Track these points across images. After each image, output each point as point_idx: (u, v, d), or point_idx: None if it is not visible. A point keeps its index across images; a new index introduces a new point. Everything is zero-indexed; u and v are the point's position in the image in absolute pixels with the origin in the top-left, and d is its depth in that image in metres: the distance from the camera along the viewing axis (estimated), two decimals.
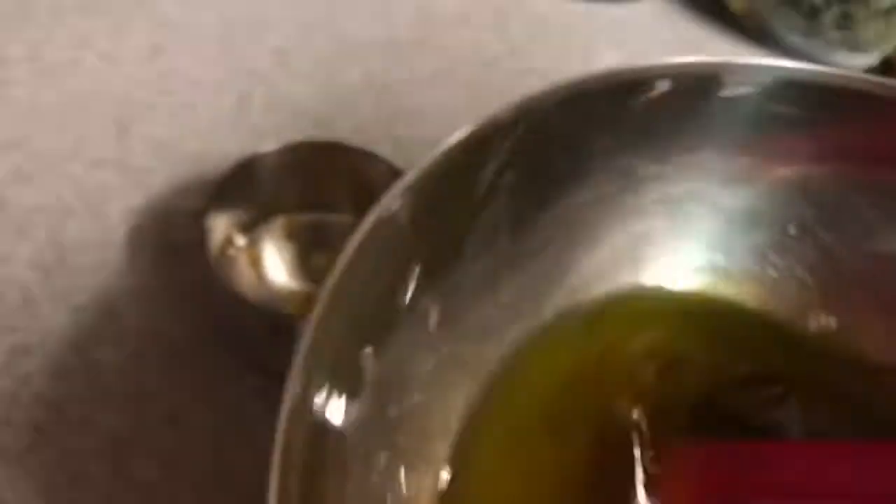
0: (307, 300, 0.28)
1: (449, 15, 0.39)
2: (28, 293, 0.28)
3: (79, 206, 0.31)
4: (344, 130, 0.34)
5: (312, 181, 0.29)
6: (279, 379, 0.27)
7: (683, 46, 0.39)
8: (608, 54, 0.38)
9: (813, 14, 0.37)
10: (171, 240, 0.30)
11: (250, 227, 0.30)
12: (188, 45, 0.36)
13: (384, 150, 0.33)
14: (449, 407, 0.22)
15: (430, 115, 0.35)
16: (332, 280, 0.18)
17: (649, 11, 0.40)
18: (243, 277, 0.29)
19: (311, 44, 0.37)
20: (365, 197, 0.29)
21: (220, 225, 0.29)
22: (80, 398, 0.26)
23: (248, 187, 0.28)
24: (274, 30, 0.37)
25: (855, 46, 0.38)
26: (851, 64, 0.38)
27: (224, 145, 0.33)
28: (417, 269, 0.21)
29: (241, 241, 0.29)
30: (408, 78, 0.36)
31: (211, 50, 0.36)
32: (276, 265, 0.30)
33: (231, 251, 0.29)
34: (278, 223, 0.30)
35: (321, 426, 0.18)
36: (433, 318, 0.21)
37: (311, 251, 0.30)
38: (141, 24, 0.36)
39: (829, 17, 0.37)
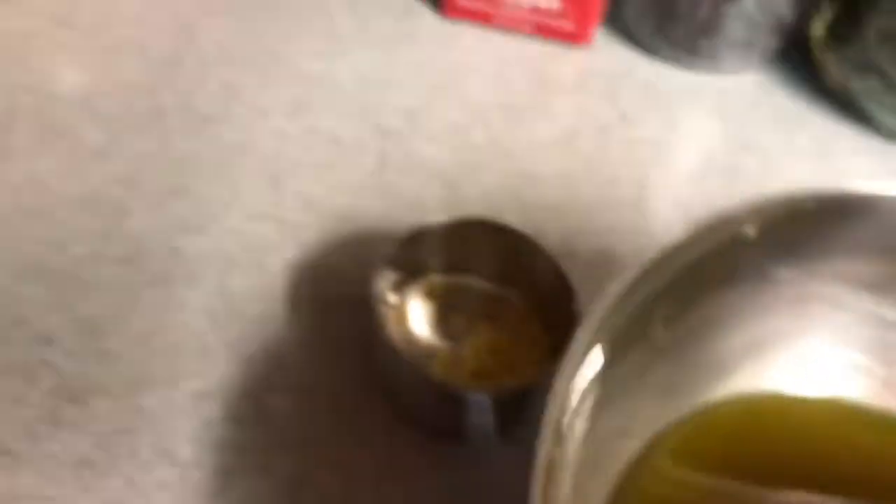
0: (451, 361, 0.32)
1: (564, 81, 0.42)
2: (204, 341, 0.31)
3: (242, 258, 0.34)
4: (472, 192, 0.37)
5: (462, 249, 0.32)
6: (432, 434, 0.30)
7: (782, 120, 0.42)
8: (713, 124, 0.41)
9: None
10: (329, 295, 0.33)
11: (399, 287, 0.33)
12: (327, 102, 0.39)
13: (511, 215, 0.36)
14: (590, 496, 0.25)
15: (551, 180, 0.38)
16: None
17: (751, 84, 0.43)
18: (394, 334, 0.32)
19: (437, 105, 0.39)
20: (508, 270, 0.33)
21: (380, 284, 0.32)
22: (258, 443, 0.29)
23: (409, 253, 0.31)
24: (404, 91, 0.40)
25: None
26: None
27: (367, 203, 0.36)
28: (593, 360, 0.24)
29: (392, 299, 0.32)
30: (528, 142, 0.39)
31: (348, 107, 0.39)
32: (420, 323, 0.33)
33: (383, 309, 0.32)
34: (422, 283, 0.33)
35: None
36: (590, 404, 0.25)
37: (449, 312, 0.33)
38: (282, 78, 0.39)
39: None
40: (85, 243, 0.33)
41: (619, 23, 0.44)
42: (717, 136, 0.41)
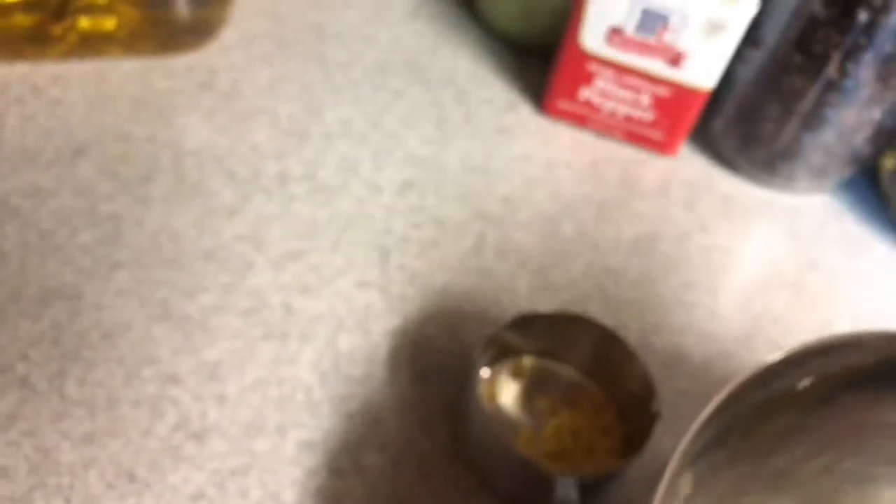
0: (532, 438, 0.34)
1: (649, 185, 0.45)
2: (310, 395, 0.35)
3: (349, 322, 0.37)
4: (559, 281, 0.40)
5: (556, 338, 0.35)
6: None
7: (848, 242, 0.45)
8: (783, 239, 0.44)
9: None
10: (425, 363, 0.36)
11: (493, 364, 0.36)
12: (434, 184, 0.42)
13: (594, 305, 0.39)
14: None
15: (633, 277, 0.41)
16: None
17: (821, 206, 0.46)
18: (484, 407, 0.35)
19: (532, 195, 0.43)
20: (595, 362, 0.36)
21: (481, 360, 0.35)
22: (353, 496, 0.32)
23: (510, 335, 0.34)
24: (503, 180, 0.43)
25: None
26: None
27: (464, 281, 0.39)
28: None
29: (485, 374, 0.35)
30: (613, 239, 0.42)
31: (451, 191, 0.42)
32: (508, 400, 0.36)
33: (479, 383, 0.35)
34: (514, 364, 0.36)
35: None
36: None
37: (535, 393, 0.36)
38: (396, 158, 0.43)
39: None
40: (212, 293, 0.37)
41: (706, 137, 0.47)
42: (785, 252, 0.44)
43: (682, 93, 0.43)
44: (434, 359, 0.37)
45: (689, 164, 0.46)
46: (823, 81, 0.41)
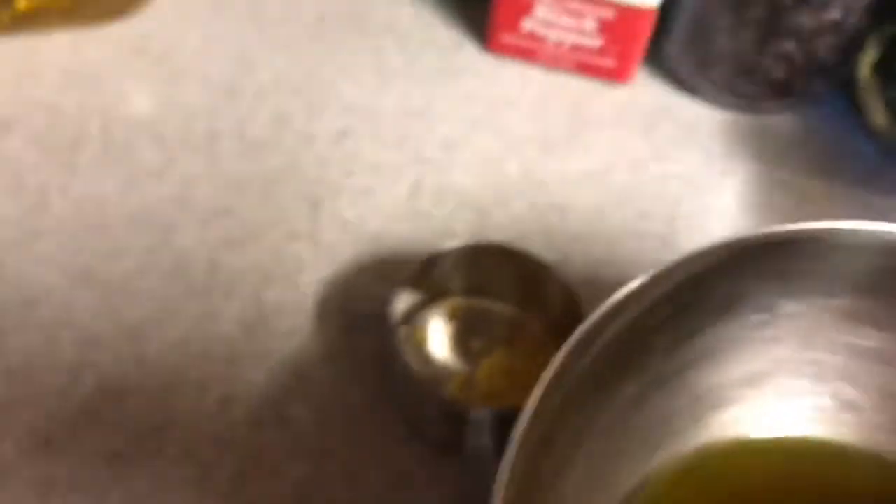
0: (465, 383, 0.33)
1: (602, 117, 0.43)
2: (233, 349, 0.34)
3: (277, 274, 0.36)
4: (501, 220, 0.38)
5: (481, 274, 0.34)
6: (440, 450, 0.31)
7: (821, 161, 0.42)
8: (748, 163, 0.41)
9: None
10: (355, 313, 0.35)
11: (420, 308, 0.34)
12: (370, 131, 0.41)
13: (538, 243, 0.37)
14: None
15: (581, 212, 0.39)
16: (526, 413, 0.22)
17: (790, 126, 0.43)
18: (412, 354, 0.33)
19: (474, 136, 0.41)
20: (528, 294, 0.34)
21: (399, 306, 0.33)
22: (275, 449, 0.31)
23: (427, 277, 0.33)
24: (444, 122, 0.42)
25: None
26: None
27: (400, 227, 0.38)
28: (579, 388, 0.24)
29: (413, 320, 0.34)
30: (561, 175, 0.40)
31: (389, 136, 0.41)
32: (439, 345, 0.34)
33: (404, 330, 0.34)
34: (443, 306, 0.35)
35: None
36: (583, 434, 0.25)
37: (469, 335, 0.34)
38: (331, 108, 0.42)
39: None
40: (134, 256, 0.36)
41: (660, 61, 0.44)
42: (751, 176, 0.41)
43: (627, 14, 0.41)
44: (365, 307, 0.35)
45: (645, 91, 0.44)
46: None
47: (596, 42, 0.42)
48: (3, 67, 0.42)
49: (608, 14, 0.41)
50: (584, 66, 0.44)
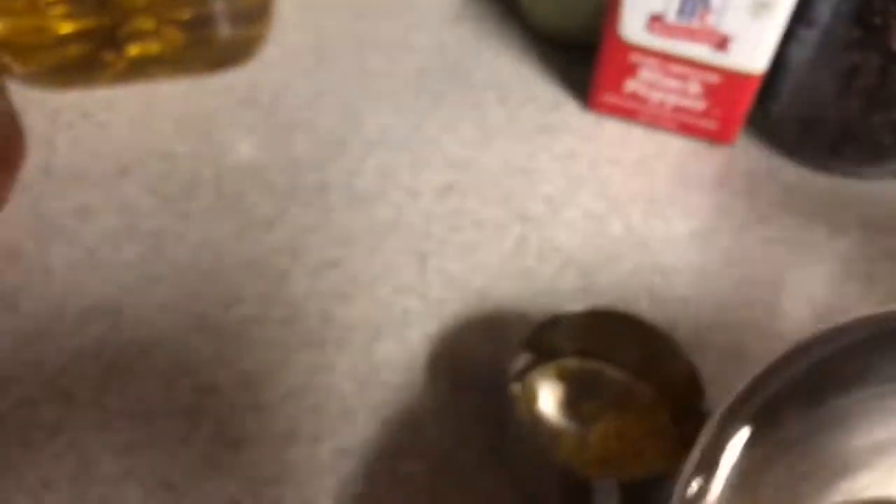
0: (576, 445, 0.33)
1: (703, 178, 0.43)
2: (346, 402, 0.34)
3: (387, 329, 0.36)
4: (606, 280, 0.38)
5: (597, 338, 0.34)
6: None
7: None
8: (853, 230, 0.41)
9: None
10: (463, 370, 0.35)
11: (533, 368, 0.34)
12: (474, 187, 0.41)
13: (644, 306, 0.37)
14: None
15: (686, 274, 0.39)
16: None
17: (893, 192, 0.43)
18: (523, 413, 0.33)
19: (577, 194, 0.41)
20: (641, 362, 0.34)
21: (514, 365, 0.33)
22: (389, 502, 0.31)
23: (544, 338, 0.33)
24: (546, 179, 0.42)
25: None
26: None
27: (505, 285, 0.38)
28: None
29: (524, 379, 0.34)
30: (664, 236, 0.40)
31: (492, 193, 0.41)
32: (550, 406, 0.34)
33: (515, 389, 0.34)
34: (554, 367, 0.35)
35: None
36: None
37: (581, 398, 0.34)
38: (435, 162, 0.42)
39: None
40: (250, 304, 0.36)
41: (763, 124, 0.45)
42: (855, 243, 0.41)
43: (731, 78, 0.41)
44: (473, 365, 0.35)
45: (747, 153, 0.44)
46: (885, 54, 0.38)
47: (699, 104, 0.43)
48: (118, 115, 0.43)
49: (713, 78, 0.41)
50: (686, 127, 0.44)
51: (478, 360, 0.36)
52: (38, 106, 0.43)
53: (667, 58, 0.41)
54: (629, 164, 0.43)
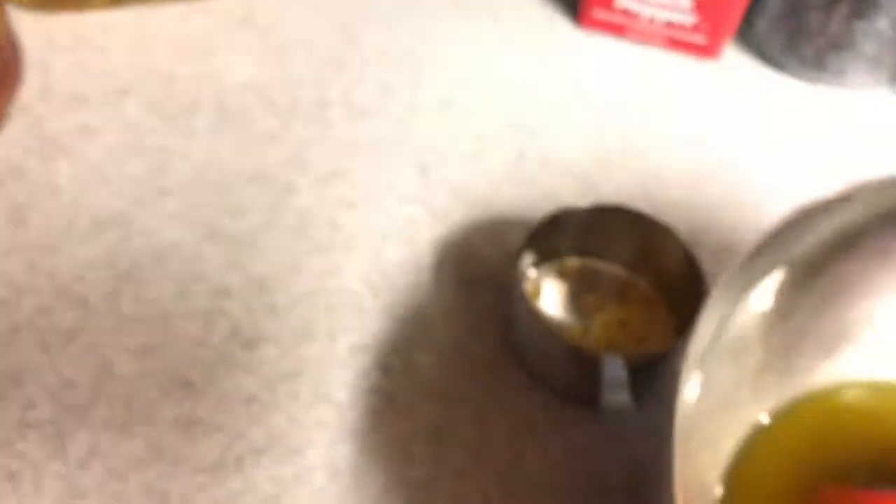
0: (580, 336, 0.34)
1: (694, 90, 0.44)
2: (360, 302, 0.35)
3: (394, 234, 0.37)
4: (604, 187, 0.39)
5: (597, 235, 0.35)
6: (565, 398, 0.32)
7: None
8: (838, 135, 0.43)
9: None
10: (470, 271, 0.36)
11: (536, 266, 0.35)
12: (472, 102, 0.42)
13: (640, 207, 0.39)
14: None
15: (679, 178, 0.40)
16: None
17: (879, 100, 0.44)
18: (531, 308, 0.34)
19: (573, 107, 0.42)
20: (640, 254, 0.35)
21: (522, 260, 0.34)
22: (405, 392, 0.33)
23: (549, 235, 0.34)
24: (542, 93, 0.43)
25: None
26: None
27: (506, 192, 0.39)
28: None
29: (532, 274, 0.35)
30: (658, 143, 0.41)
31: (490, 107, 0.42)
32: (553, 299, 0.35)
33: (523, 285, 0.35)
34: (557, 264, 0.36)
35: None
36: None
37: (581, 292, 0.35)
38: (433, 79, 0.43)
39: None
40: (258, 213, 0.37)
41: (749, 38, 0.46)
42: (840, 147, 0.42)
43: None
44: (479, 265, 0.36)
45: (734, 66, 0.45)
46: None
47: (689, 19, 0.44)
48: (116, 37, 0.43)
49: None
50: (675, 43, 0.45)
51: (484, 261, 0.37)
52: (33, 31, 0.43)
53: None
54: (622, 79, 0.44)
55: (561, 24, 0.46)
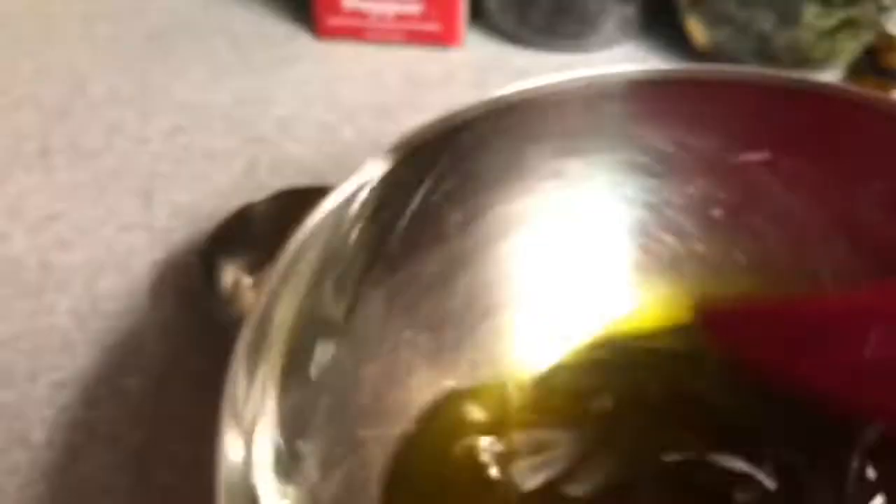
0: None
1: (434, 79, 0.43)
2: (67, 337, 0.33)
3: (110, 265, 0.35)
4: (337, 179, 0.38)
5: (292, 221, 0.33)
6: None
7: None
8: None
9: (762, 40, 0.40)
10: (190, 287, 0.34)
11: (256, 269, 0.34)
12: (204, 124, 0.41)
13: None
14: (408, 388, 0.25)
15: None
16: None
17: (621, 58, 0.44)
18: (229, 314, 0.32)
19: (309, 112, 0.41)
20: None
21: (229, 267, 0.33)
22: (109, 420, 0.30)
23: (246, 232, 0.33)
24: (278, 104, 0.42)
25: (808, 66, 0.41)
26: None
27: (237, 203, 0.37)
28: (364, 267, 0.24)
29: (247, 281, 0.33)
30: (395, 134, 0.40)
31: (223, 125, 0.41)
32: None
33: (239, 291, 0.33)
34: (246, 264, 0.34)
35: None
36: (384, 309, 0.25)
37: None
38: (164, 109, 0.42)
39: (779, 41, 0.40)
40: None
41: (487, 19, 0.45)
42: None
43: None
44: (197, 283, 0.35)
45: (476, 50, 0.45)
46: None
47: (417, 8, 0.43)
48: None
49: None
50: (413, 35, 0.45)
51: (203, 278, 0.35)
52: None
53: None
54: (361, 78, 0.43)
55: (301, 38, 0.46)
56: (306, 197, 0.32)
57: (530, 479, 0.24)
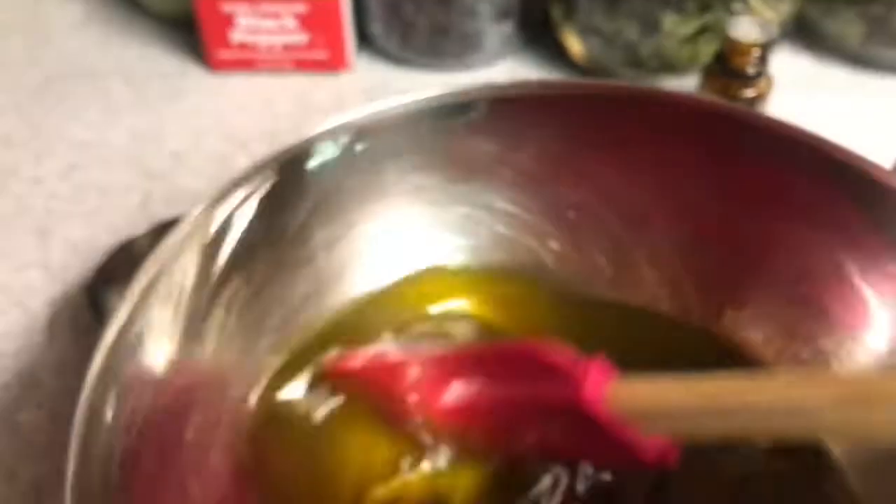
0: None
1: (324, 104, 0.45)
2: None
3: (6, 303, 0.36)
4: None
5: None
6: None
7: None
8: None
9: (630, 49, 0.43)
10: (87, 321, 0.35)
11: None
12: (99, 161, 0.42)
13: None
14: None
15: None
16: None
17: (504, 73, 0.46)
18: None
19: (202, 144, 0.43)
20: None
21: (114, 300, 0.34)
22: (5, 456, 0.31)
23: (129, 265, 0.33)
24: (172, 138, 0.43)
25: (675, 71, 0.43)
26: (683, 85, 0.43)
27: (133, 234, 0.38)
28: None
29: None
30: None
31: (118, 161, 0.42)
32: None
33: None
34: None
35: None
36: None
37: None
38: (59, 150, 0.43)
39: (645, 49, 0.42)
40: None
41: (373, 43, 0.47)
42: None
43: (316, 5, 0.44)
44: (94, 314, 0.35)
45: (365, 74, 0.47)
46: None
47: (302, 37, 0.45)
48: None
49: (301, 8, 0.44)
50: (303, 64, 0.46)
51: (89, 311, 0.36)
52: None
53: (254, 0, 0.44)
54: (254, 108, 0.45)
55: (194, 72, 0.47)
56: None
57: None
